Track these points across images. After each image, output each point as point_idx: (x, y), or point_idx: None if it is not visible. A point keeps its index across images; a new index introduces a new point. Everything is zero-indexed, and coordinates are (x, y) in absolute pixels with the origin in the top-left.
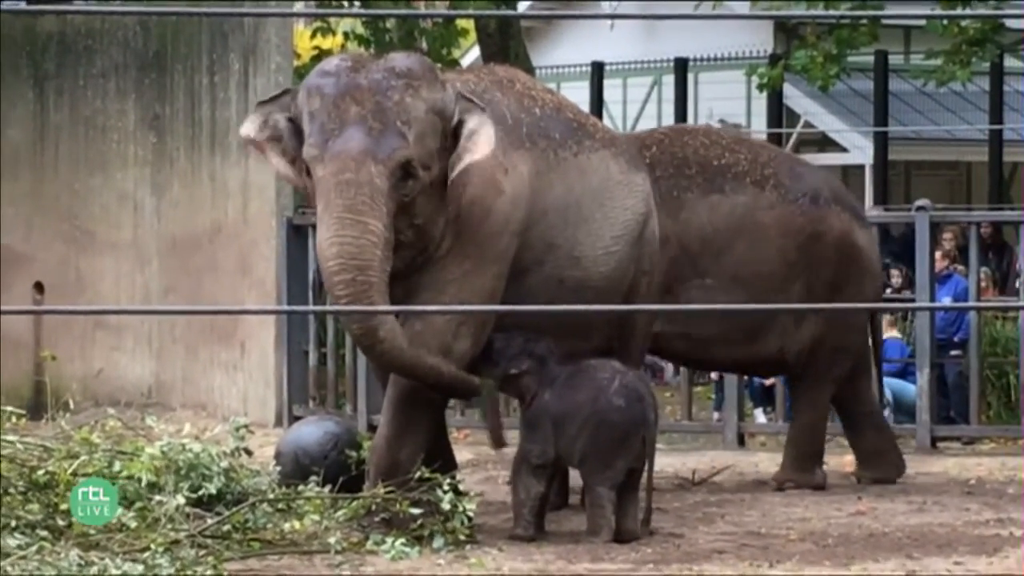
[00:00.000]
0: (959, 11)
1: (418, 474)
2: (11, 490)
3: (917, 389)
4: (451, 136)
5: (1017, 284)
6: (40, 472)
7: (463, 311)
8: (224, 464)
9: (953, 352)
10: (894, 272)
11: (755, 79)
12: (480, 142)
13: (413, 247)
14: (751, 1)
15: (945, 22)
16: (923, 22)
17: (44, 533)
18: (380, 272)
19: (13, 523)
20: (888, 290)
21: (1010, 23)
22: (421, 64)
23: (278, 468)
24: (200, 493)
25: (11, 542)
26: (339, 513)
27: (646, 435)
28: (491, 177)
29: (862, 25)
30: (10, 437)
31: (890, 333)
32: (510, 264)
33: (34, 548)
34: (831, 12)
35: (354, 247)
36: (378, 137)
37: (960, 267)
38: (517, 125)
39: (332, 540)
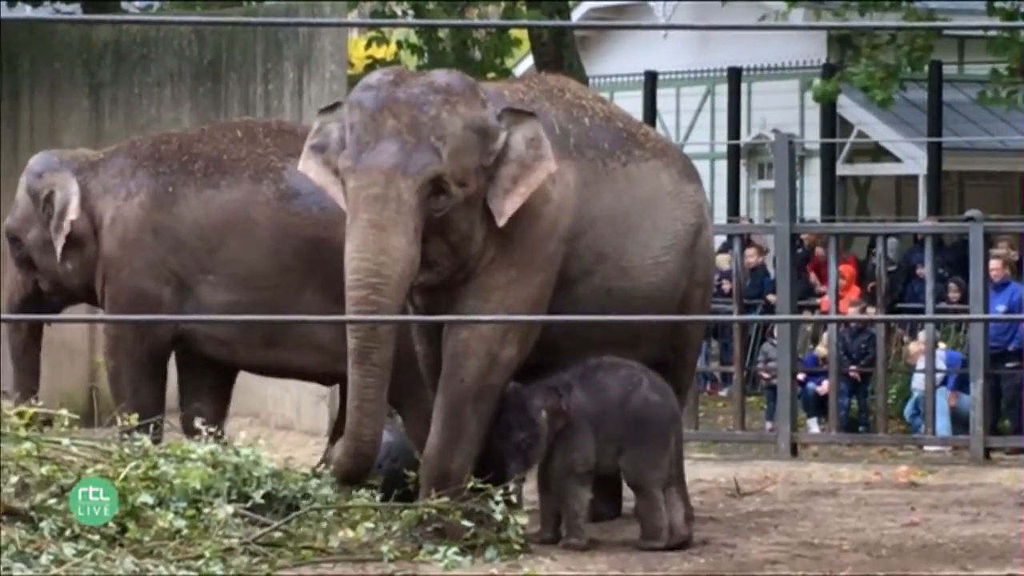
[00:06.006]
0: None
1: (470, 484)
2: (67, 494)
3: (971, 400)
4: (496, 154)
5: None
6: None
7: (504, 320)
8: (273, 464)
9: (1009, 364)
10: (951, 286)
11: (810, 92)
12: (539, 162)
13: (451, 262)
14: (805, 9)
15: (1007, 34)
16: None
17: (95, 537)
18: (395, 290)
19: (67, 531)
20: (943, 303)
21: None
22: (461, 81)
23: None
24: (250, 503)
25: (67, 550)
26: (393, 523)
27: (677, 432)
28: (538, 185)
29: (920, 36)
30: (65, 441)
31: (942, 346)
32: (557, 272)
33: (89, 556)
34: (888, 24)
35: (372, 264)
36: (411, 152)
37: None
38: (565, 135)
39: (384, 548)
